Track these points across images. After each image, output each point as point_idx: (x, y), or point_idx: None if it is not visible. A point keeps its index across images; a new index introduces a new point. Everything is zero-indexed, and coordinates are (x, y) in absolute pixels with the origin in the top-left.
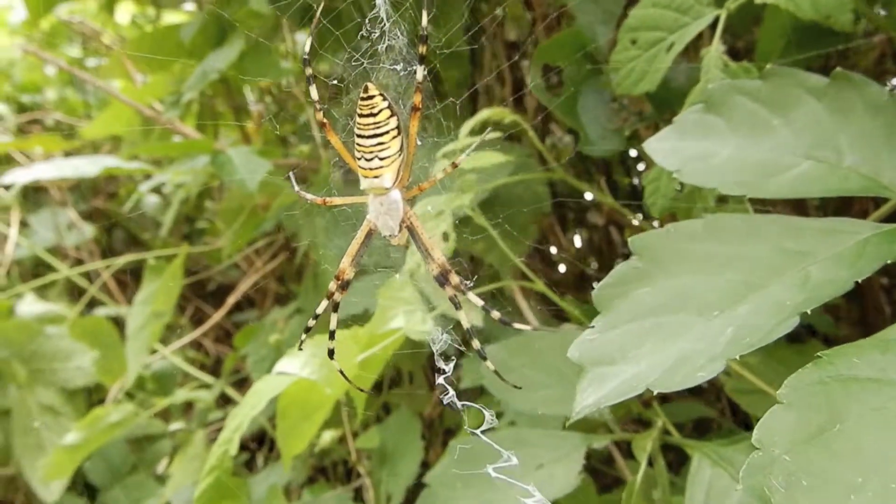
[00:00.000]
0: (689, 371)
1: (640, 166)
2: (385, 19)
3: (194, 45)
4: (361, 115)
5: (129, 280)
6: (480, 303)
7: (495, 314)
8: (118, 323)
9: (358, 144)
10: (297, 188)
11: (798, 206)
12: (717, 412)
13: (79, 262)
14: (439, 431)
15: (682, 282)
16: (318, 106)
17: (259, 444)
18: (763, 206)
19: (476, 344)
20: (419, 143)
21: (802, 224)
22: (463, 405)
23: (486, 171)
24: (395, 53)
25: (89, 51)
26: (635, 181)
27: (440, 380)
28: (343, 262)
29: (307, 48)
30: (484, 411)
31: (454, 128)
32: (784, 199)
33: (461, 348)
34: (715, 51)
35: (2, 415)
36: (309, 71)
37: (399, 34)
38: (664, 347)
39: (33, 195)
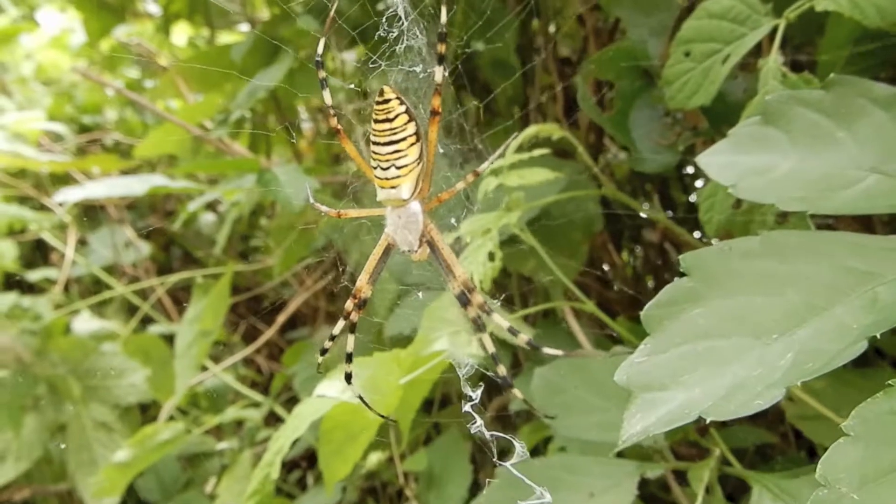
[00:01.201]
0: (745, 399)
1: (699, 183)
2: (403, 17)
3: (246, 65)
4: (377, 121)
5: (185, 297)
6: (506, 324)
7: (523, 337)
8: (172, 340)
9: (373, 152)
10: (312, 199)
11: (864, 223)
12: (779, 437)
13: (136, 279)
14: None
15: (738, 302)
16: (331, 111)
17: (310, 463)
18: (825, 222)
19: (501, 370)
20: (441, 150)
21: (868, 242)
22: (492, 436)
23: (534, 189)
24: (413, 54)
25: (147, 72)
26: (692, 198)
27: (466, 407)
28: (360, 280)
29: (320, 49)
30: (514, 442)
31: (478, 134)
32: (848, 216)
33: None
34: (773, 62)
35: (58, 430)
36: (322, 74)
37: (418, 33)
38: (718, 372)
39: (93, 213)
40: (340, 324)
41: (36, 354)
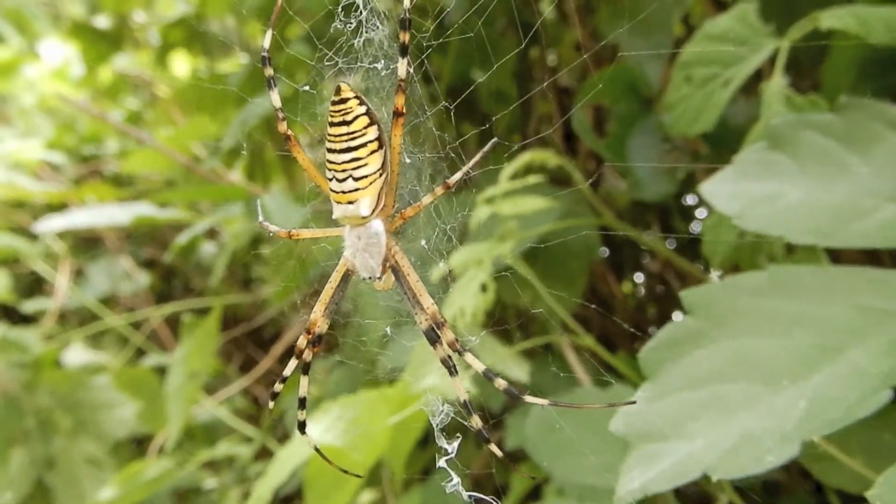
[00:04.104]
0: (755, 453)
1: (700, 212)
2: (361, 6)
3: (243, 93)
4: (332, 124)
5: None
6: (482, 367)
7: (500, 383)
8: (166, 371)
9: (328, 161)
10: (261, 218)
11: (871, 255)
12: (785, 473)
13: (132, 310)
14: (488, 491)
15: (744, 344)
16: (280, 114)
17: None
18: (834, 254)
19: (476, 422)
20: (408, 160)
21: (884, 278)
22: (470, 496)
23: (530, 217)
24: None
25: (147, 103)
26: (693, 227)
27: (441, 462)
28: (315, 312)
29: (266, 43)
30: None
31: (450, 141)
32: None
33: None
34: (776, 84)
35: (48, 465)
36: (269, 72)
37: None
38: (724, 422)
39: (92, 244)
40: (292, 364)
41: (25, 387)
